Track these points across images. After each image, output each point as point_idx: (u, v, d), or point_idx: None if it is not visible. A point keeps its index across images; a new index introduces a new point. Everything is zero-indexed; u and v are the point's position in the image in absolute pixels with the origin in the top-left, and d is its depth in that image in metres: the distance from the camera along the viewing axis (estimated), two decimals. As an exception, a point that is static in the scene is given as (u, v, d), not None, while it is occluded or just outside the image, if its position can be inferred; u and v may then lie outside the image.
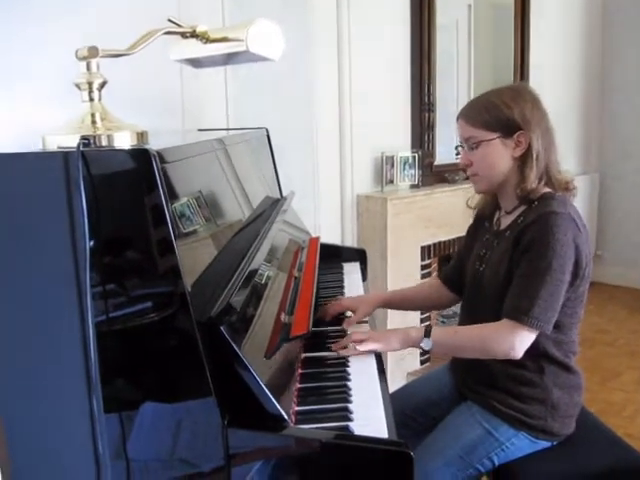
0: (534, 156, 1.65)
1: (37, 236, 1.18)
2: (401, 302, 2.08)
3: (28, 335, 1.22)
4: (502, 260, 1.67)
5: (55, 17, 1.88)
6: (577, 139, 5.27)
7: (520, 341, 1.57)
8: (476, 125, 1.69)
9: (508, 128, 1.66)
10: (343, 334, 1.77)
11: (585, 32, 5.19)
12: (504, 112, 1.65)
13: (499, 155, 1.68)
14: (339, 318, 1.91)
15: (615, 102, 5.34)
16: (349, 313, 1.93)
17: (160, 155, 1.14)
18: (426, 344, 1.63)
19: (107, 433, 1.19)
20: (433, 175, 3.77)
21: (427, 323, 3.59)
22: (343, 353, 1.63)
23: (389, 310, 3.06)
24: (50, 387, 1.23)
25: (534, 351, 1.62)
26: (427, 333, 1.64)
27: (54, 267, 1.18)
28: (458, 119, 1.75)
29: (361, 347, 1.63)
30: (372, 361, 1.61)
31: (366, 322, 1.90)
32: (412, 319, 3.40)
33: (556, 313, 1.58)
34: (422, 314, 3.59)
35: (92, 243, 1.13)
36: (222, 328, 1.14)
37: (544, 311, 1.55)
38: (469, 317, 1.80)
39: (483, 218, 1.90)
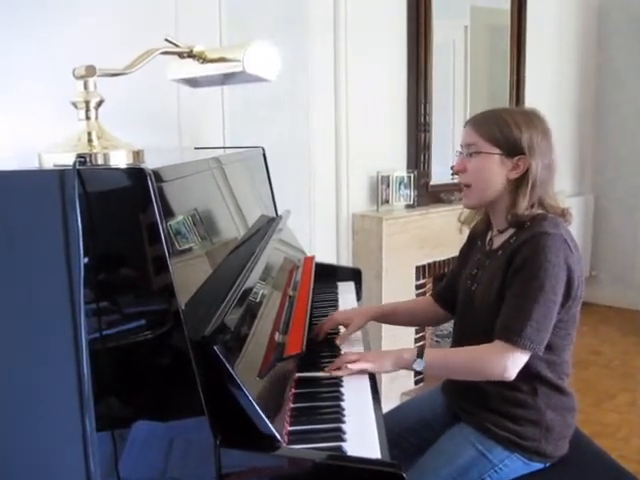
0: (529, 183, 1.65)
1: (32, 253, 1.18)
2: (393, 316, 2.07)
3: (21, 351, 1.22)
4: (494, 279, 1.67)
5: (53, 36, 1.89)
6: (572, 160, 5.30)
7: (512, 362, 1.57)
8: (482, 135, 1.69)
9: (512, 149, 1.66)
10: (337, 353, 1.77)
11: (581, 53, 5.24)
12: (513, 132, 1.65)
13: (494, 171, 1.68)
14: (333, 337, 1.91)
15: (610, 123, 5.37)
16: (342, 329, 1.93)
17: (156, 174, 1.15)
18: (418, 365, 1.63)
19: (99, 451, 1.18)
20: (429, 195, 3.78)
21: (420, 343, 3.59)
22: (336, 374, 1.63)
23: (383, 327, 3.07)
24: (42, 405, 1.22)
25: (527, 373, 1.62)
26: (420, 354, 1.63)
27: (48, 284, 1.18)
28: (466, 125, 1.75)
29: (353, 366, 1.63)
30: (366, 381, 1.61)
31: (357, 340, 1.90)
32: (406, 336, 3.41)
33: (548, 334, 1.58)
34: (417, 333, 3.58)
35: (86, 260, 1.12)
36: (216, 347, 1.14)
37: (536, 332, 1.55)
38: (462, 335, 1.81)
39: (476, 237, 1.90)
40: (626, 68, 5.23)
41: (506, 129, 1.66)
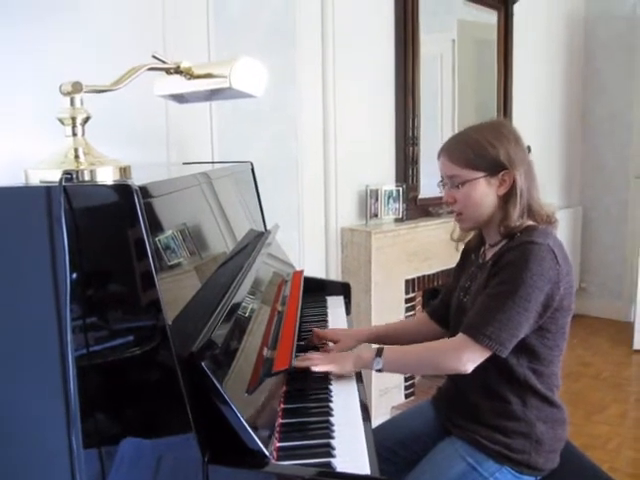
0: (518, 194, 1.66)
1: (18, 269, 1.17)
2: (386, 337, 2.04)
3: (7, 367, 1.21)
4: (481, 288, 1.68)
5: (40, 51, 1.89)
6: (560, 173, 5.33)
7: (467, 356, 1.58)
8: (460, 164, 1.69)
9: (493, 167, 1.67)
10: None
11: (567, 67, 5.29)
12: (489, 152, 1.66)
13: (484, 194, 1.69)
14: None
15: (597, 136, 5.42)
16: (331, 344, 1.93)
17: (143, 190, 1.15)
18: (377, 364, 1.65)
19: (86, 469, 1.17)
20: (417, 209, 3.78)
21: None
22: (299, 365, 1.64)
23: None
24: (28, 421, 1.21)
25: (516, 383, 1.64)
26: (379, 353, 1.66)
27: (35, 300, 1.17)
28: (440, 156, 1.76)
29: (316, 368, 1.64)
30: (355, 396, 1.60)
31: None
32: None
33: (514, 339, 1.58)
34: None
35: (73, 276, 1.12)
36: (203, 364, 1.14)
37: (498, 331, 1.55)
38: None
39: (470, 252, 1.91)
40: (612, 81, 5.28)
41: (481, 150, 1.67)
